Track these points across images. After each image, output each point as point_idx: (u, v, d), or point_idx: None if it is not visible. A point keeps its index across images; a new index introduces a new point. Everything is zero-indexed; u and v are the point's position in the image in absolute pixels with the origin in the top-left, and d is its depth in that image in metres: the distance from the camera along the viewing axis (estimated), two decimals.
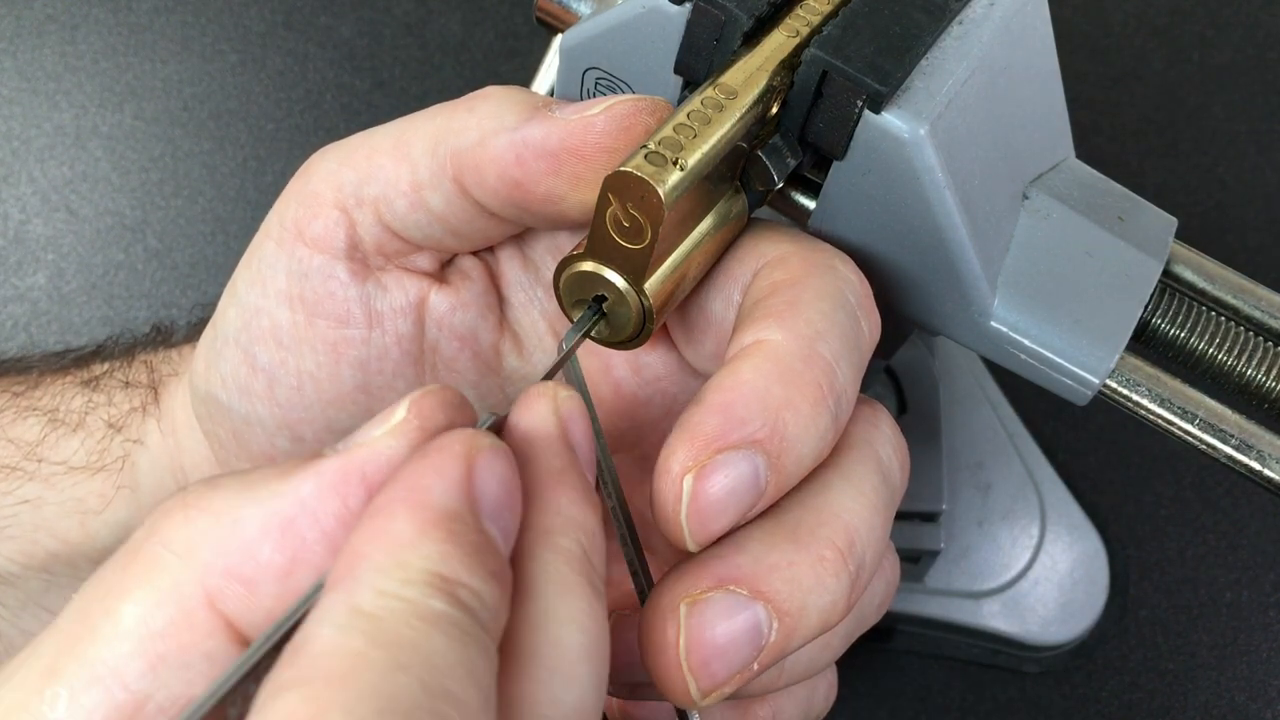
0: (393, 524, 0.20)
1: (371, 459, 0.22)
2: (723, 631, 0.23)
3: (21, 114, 0.60)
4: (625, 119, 0.26)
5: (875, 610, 0.30)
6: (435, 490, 0.21)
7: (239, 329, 0.30)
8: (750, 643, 0.23)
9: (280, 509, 0.22)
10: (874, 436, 0.27)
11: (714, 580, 0.23)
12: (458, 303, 0.31)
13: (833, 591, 0.24)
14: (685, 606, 0.23)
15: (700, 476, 0.23)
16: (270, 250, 0.30)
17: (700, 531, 0.23)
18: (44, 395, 0.35)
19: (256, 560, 0.22)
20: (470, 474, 0.21)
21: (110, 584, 0.22)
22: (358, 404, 0.31)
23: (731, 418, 0.23)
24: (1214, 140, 0.61)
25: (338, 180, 0.29)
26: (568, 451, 0.24)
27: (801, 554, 0.24)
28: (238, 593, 0.22)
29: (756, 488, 0.23)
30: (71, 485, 0.34)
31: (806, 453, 0.24)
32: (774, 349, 0.24)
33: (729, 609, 0.23)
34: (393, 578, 0.19)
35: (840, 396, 0.25)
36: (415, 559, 0.20)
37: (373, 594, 0.19)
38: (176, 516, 0.22)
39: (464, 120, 0.28)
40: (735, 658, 0.23)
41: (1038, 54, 0.30)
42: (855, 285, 0.27)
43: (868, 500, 0.25)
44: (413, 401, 0.22)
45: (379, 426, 0.23)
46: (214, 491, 0.23)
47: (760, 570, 0.23)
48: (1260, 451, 0.29)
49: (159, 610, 0.22)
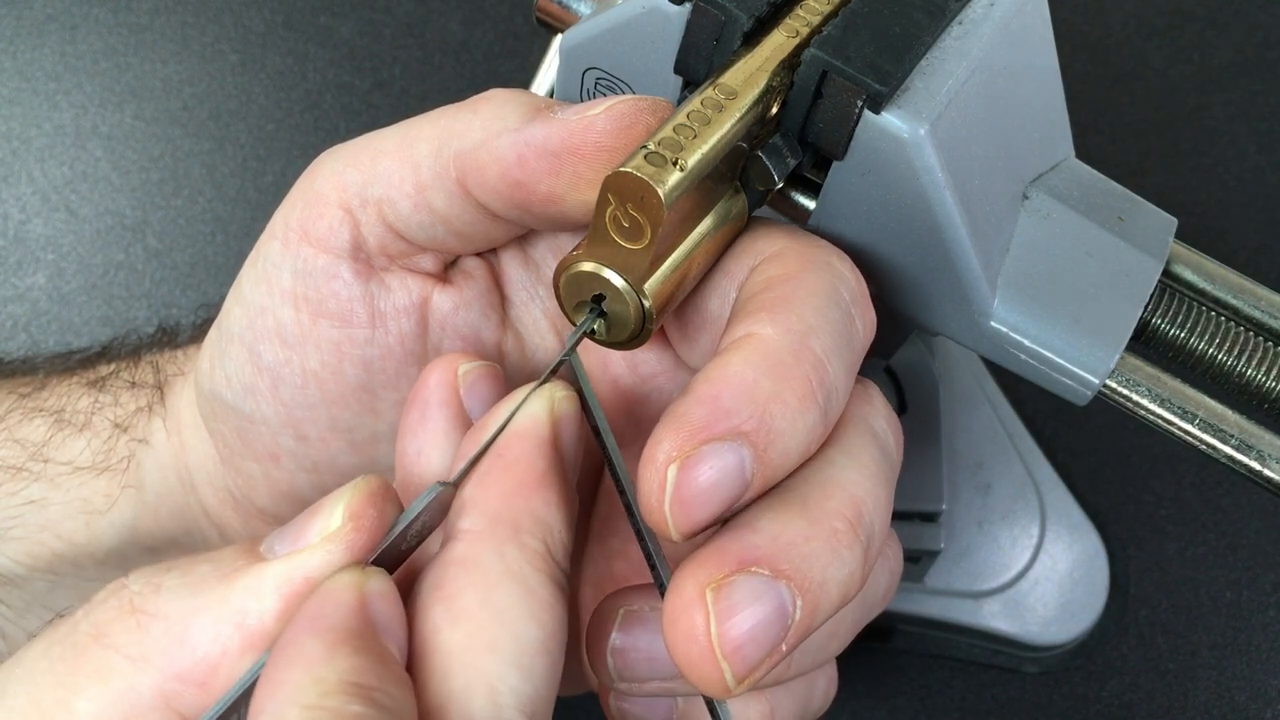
0: (304, 648, 0.22)
1: (315, 565, 0.24)
2: (752, 614, 0.23)
3: (21, 114, 0.60)
4: (626, 119, 0.26)
5: (881, 597, 0.30)
6: (337, 616, 0.22)
7: (244, 328, 0.30)
8: (778, 622, 0.23)
9: (226, 615, 0.24)
10: (868, 412, 0.27)
11: (735, 564, 0.23)
12: (460, 302, 0.31)
13: (849, 563, 0.24)
14: (711, 593, 0.23)
15: (685, 466, 0.23)
16: (275, 250, 0.30)
17: (684, 521, 0.23)
18: (50, 396, 0.35)
19: (209, 664, 0.23)
20: (364, 601, 0.23)
21: (61, 677, 0.24)
22: (361, 403, 0.31)
23: (718, 409, 0.23)
24: (1214, 140, 0.61)
25: (342, 181, 0.29)
26: (553, 454, 0.25)
27: (815, 528, 0.24)
28: (192, 694, 0.23)
29: (742, 479, 0.23)
30: (77, 485, 0.34)
31: (793, 446, 0.24)
32: (764, 342, 0.24)
33: (754, 591, 0.23)
34: (312, 693, 0.21)
35: (831, 391, 0.25)
36: (330, 673, 0.21)
37: (298, 710, 0.21)
38: (127, 621, 0.24)
39: (467, 121, 0.28)
40: (766, 640, 0.23)
41: (1038, 54, 0.30)
42: (850, 282, 0.27)
43: (870, 472, 0.25)
44: (346, 506, 0.24)
45: (315, 529, 0.24)
46: (159, 596, 0.24)
47: (778, 549, 0.23)
48: (1260, 451, 0.29)
49: (114, 709, 0.23)
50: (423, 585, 0.24)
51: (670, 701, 0.30)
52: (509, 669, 0.22)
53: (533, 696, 0.22)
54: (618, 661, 0.28)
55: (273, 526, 0.34)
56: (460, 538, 0.24)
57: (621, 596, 0.28)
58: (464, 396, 0.28)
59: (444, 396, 0.28)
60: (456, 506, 0.25)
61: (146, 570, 0.25)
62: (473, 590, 0.23)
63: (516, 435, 0.25)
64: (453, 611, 0.23)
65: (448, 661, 0.22)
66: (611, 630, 0.28)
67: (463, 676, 0.22)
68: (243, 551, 0.25)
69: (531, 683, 0.22)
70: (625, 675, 0.28)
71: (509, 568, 0.23)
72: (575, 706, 0.38)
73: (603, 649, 0.28)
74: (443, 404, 0.28)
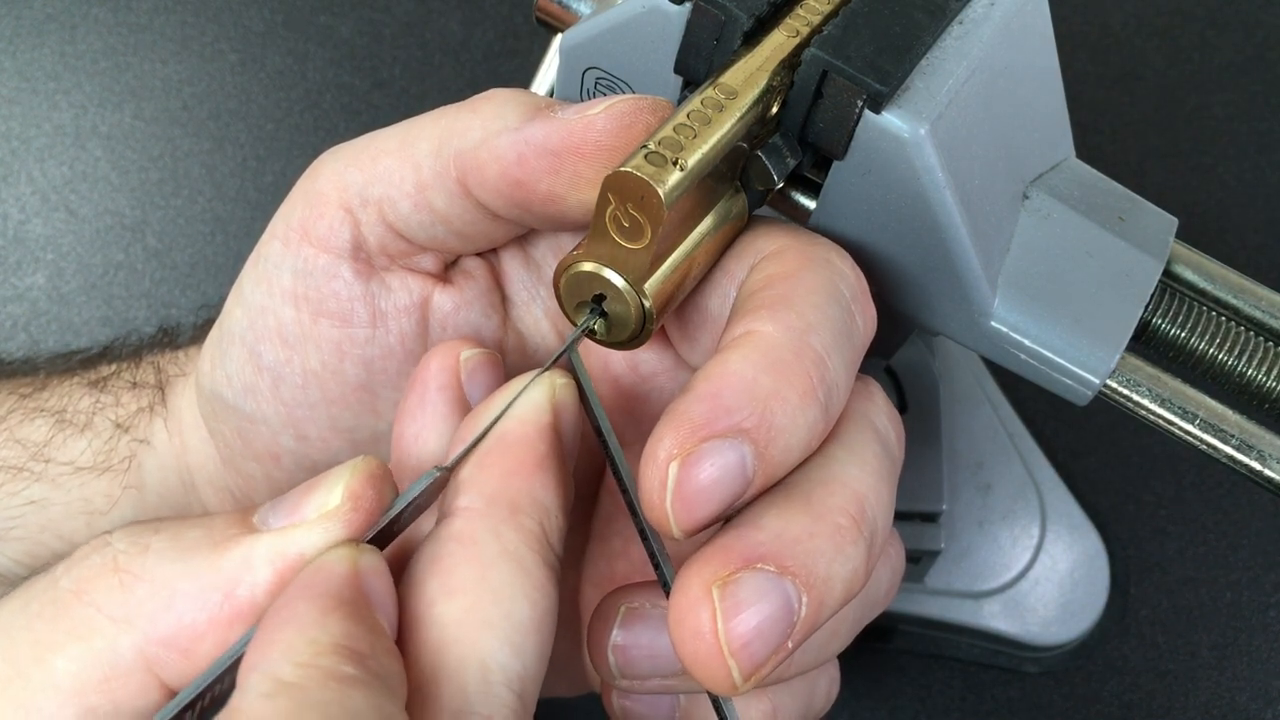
0: (298, 610, 0.22)
1: (311, 542, 0.24)
2: (758, 611, 0.23)
3: (21, 114, 0.60)
4: (626, 118, 0.26)
5: (884, 595, 0.30)
6: (332, 584, 0.23)
7: (244, 328, 0.30)
8: (785, 619, 0.23)
9: (216, 583, 0.24)
10: (870, 409, 0.27)
11: (740, 560, 0.23)
12: (461, 302, 0.31)
13: (853, 559, 0.24)
14: (717, 590, 0.23)
15: (686, 464, 0.23)
16: (276, 250, 0.30)
17: (686, 519, 0.23)
18: (51, 396, 0.35)
19: (193, 632, 0.23)
20: (358, 574, 0.23)
21: (39, 634, 0.23)
22: (362, 403, 0.31)
23: (719, 406, 0.23)
24: (1214, 140, 0.61)
25: (343, 181, 0.29)
26: (553, 439, 0.26)
27: (819, 524, 0.24)
28: (174, 659, 0.23)
29: (743, 476, 0.23)
30: (78, 486, 0.34)
31: (795, 443, 0.24)
32: (764, 340, 0.24)
33: (760, 588, 0.23)
34: (305, 652, 0.21)
35: (831, 389, 0.25)
36: (323, 635, 0.21)
37: (291, 666, 0.21)
38: (110, 580, 0.24)
39: (468, 121, 0.28)
40: (773, 636, 0.23)
41: (1038, 54, 0.30)
42: (850, 279, 0.27)
43: (872, 469, 0.25)
44: (346, 486, 0.24)
45: (312, 505, 0.24)
46: (145, 557, 0.24)
47: (782, 545, 0.23)
48: (1260, 451, 0.29)
49: (93, 669, 0.23)
50: (418, 560, 0.24)
51: (673, 699, 0.30)
52: (501, 646, 0.22)
53: (522, 674, 0.23)
54: (619, 659, 0.28)
55: None
56: (458, 515, 0.24)
57: (623, 594, 0.28)
58: (464, 382, 0.28)
59: (445, 381, 0.28)
60: (454, 486, 0.25)
61: (132, 528, 0.25)
62: (469, 566, 0.23)
63: (517, 419, 0.26)
64: (449, 586, 0.23)
65: (442, 635, 0.23)
66: (613, 627, 0.28)
67: (456, 651, 0.22)
68: (235, 521, 0.25)
69: (522, 661, 0.23)
70: (627, 673, 0.28)
71: (505, 547, 0.24)
72: (576, 707, 0.37)
73: (604, 646, 0.28)
74: (443, 389, 0.28)
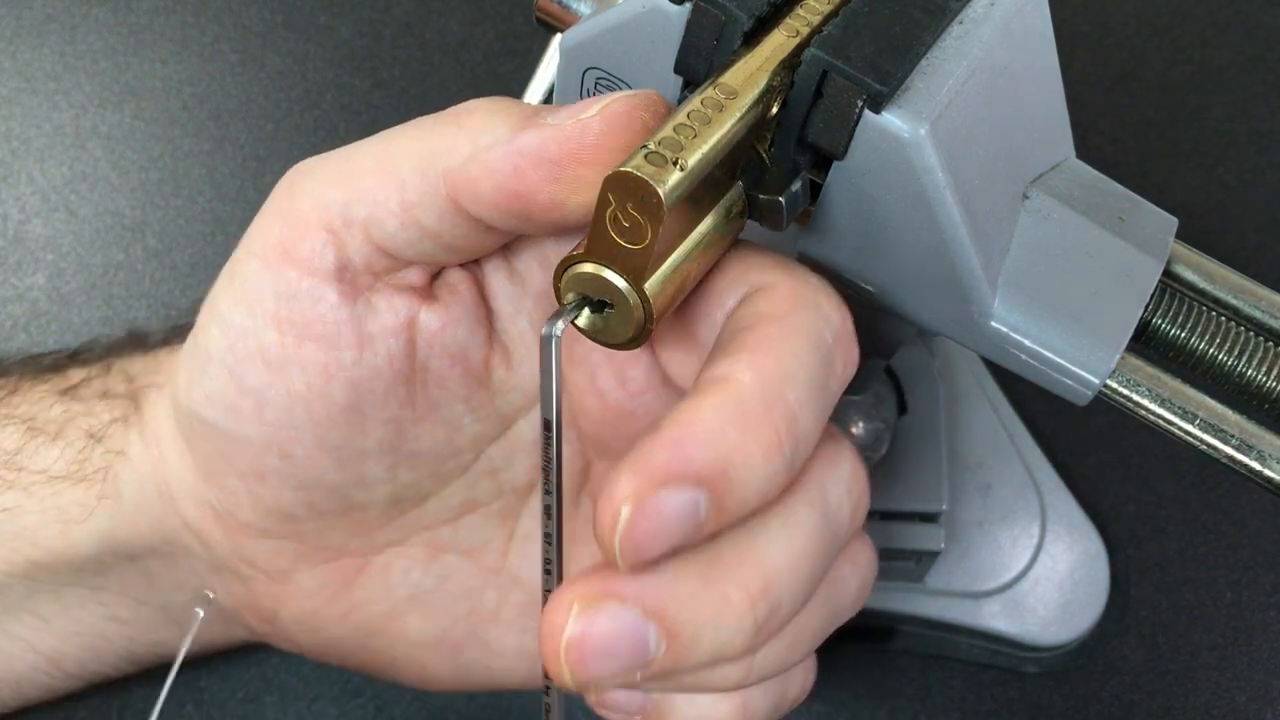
0: None
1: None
2: (602, 633, 0.24)
3: (21, 114, 0.60)
4: (621, 117, 0.26)
5: (851, 603, 0.30)
6: None
7: (224, 349, 0.30)
8: (632, 653, 0.24)
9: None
10: (827, 477, 0.27)
11: (614, 594, 0.24)
12: (448, 319, 0.30)
13: (730, 630, 0.25)
14: (578, 607, 0.24)
15: (639, 507, 0.23)
16: (254, 270, 0.29)
17: (632, 556, 0.23)
18: (21, 403, 0.35)
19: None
20: None
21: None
22: (351, 423, 0.30)
23: (680, 454, 0.23)
24: (1214, 140, 0.61)
25: (323, 201, 0.28)
26: None
27: (708, 591, 0.25)
28: None
29: (695, 523, 0.24)
30: (52, 495, 0.33)
31: (752, 495, 0.24)
32: (738, 390, 0.24)
33: (615, 618, 0.24)
34: None
35: (799, 441, 0.25)
36: None
37: None
38: None
39: (452, 137, 0.27)
40: (613, 662, 0.24)
41: (1038, 54, 0.30)
42: (835, 323, 0.27)
43: (799, 546, 0.26)
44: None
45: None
46: None
47: (662, 595, 0.24)
48: (1260, 451, 0.29)
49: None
50: None
51: None
52: None
53: None
54: None
55: (257, 540, 0.33)
56: None
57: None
58: None
59: None
60: None
61: None
62: None
63: None
64: None
65: None
66: None
67: None
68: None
69: None
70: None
71: None
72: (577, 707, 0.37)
73: None
74: None
